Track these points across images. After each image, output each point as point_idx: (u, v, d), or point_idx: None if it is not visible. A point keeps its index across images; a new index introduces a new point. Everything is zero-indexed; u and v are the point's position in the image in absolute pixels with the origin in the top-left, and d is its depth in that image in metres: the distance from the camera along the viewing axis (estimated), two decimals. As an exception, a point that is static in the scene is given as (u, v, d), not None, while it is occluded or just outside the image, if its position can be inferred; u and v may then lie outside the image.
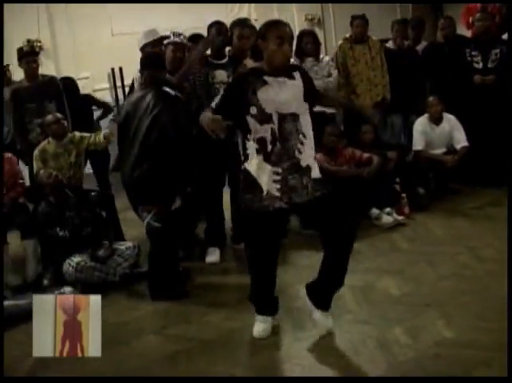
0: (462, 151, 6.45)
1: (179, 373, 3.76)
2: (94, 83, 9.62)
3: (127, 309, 4.72)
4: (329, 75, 6.53)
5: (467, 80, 6.59)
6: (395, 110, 7.20)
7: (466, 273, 4.69)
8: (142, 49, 5.27)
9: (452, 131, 6.54)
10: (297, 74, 3.81)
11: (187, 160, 4.89)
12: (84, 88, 9.13)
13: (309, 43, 6.54)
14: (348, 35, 7.16)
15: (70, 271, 5.13)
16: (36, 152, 5.71)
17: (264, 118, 3.64)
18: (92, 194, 5.68)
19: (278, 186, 3.69)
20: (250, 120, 3.65)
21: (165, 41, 5.53)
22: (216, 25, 5.45)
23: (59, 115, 5.77)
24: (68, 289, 4.96)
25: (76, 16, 9.40)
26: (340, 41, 7.28)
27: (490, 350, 3.55)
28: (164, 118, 4.68)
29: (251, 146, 3.69)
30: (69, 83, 6.87)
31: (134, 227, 6.48)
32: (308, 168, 3.77)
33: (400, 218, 5.95)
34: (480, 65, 6.63)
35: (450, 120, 6.56)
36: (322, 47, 8.38)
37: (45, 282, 5.38)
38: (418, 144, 6.54)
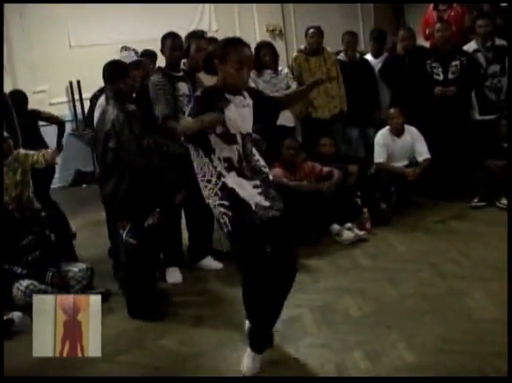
0: (423, 163, 6.36)
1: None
2: (51, 96, 9.43)
3: (77, 335, 4.52)
4: (288, 87, 6.40)
5: (428, 92, 6.50)
6: (351, 123, 7.11)
7: (429, 291, 4.57)
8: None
9: (414, 143, 6.45)
10: (245, 93, 3.68)
11: (155, 177, 4.69)
12: (42, 102, 8.98)
13: (267, 55, 6.43)
14: (302, 46, 7.07)
15: (19, 295, 4.91)
16: (-22, 172, 5.47)
17: (230, 138, 3.52)
18: (42, 214, 5.45)
19: (264, 196, 3.56)
20: (215, 139, 3.49)
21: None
22: (170, 38, 5.29)
23: (5, 134, 5.53)
24: (16, 314, 4.73)
25: (33, 27, 9.20)
26: (294, 53, 7.17)
27: (452, 374, 3.43)
28: (116, 135, 4.50)
29: (219, 165, 3.53)
30: (19, 97, 6.64)
31: (92, 246, 6.35)
32: (271, 180, 3.71)
33: (362, 233, 5.82)
34: (441, 77, 6.56)
35: (411, 133, 6.47)
36: (284, 58, 8.30)
37: (-6, 306, 5.18)
38: (379, 156, 6.43)
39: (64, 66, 9.21)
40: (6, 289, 5.02)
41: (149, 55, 6.24)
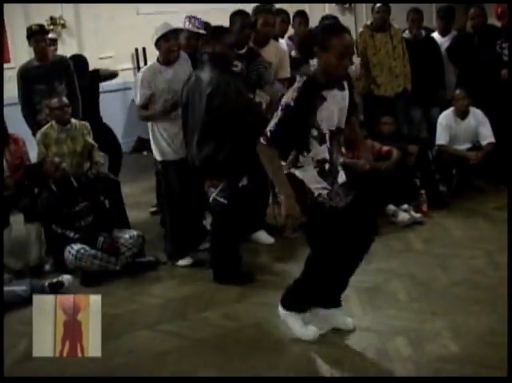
0: (487, 147, 6.15)
1: (167, 373, 3.59)
2: (117, 63, 9.45)
3: (123, 301, 4.56)
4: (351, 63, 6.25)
5: (496, 74, 6.26)
6: (414, 102, 6.91)
7: (480, 280, 4.43)
8: (156, 45, 5.07)
9: (478, 126, 6.23)
10: (345, 83, 3.62)
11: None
12: (107, 67, 9.03)
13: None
14: (369, 22, 6.89)
15: (70, 259, 4.98)
16: (38, 136, 5.54)
17: (322, 138, 3.49)
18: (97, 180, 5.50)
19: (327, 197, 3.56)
20: (312, 142, 3.48)
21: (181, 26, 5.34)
22: (240, 16, 5.24)
23: (65, 100, 5.56)
24: (66, 277, 4.84)
25: (101, -6, 9.23)
26: (360, 29, 7.01)
27: (494, 368, 3.31)
28: (220, 95, 4.52)
29: (306, 162, 3.52)
30: (79, 61, 6.71)
31: (146, 213, 6.41)
32: (343, 183, 3.69)
33: (418, 215, 5.68)
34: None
35: (476, 115, 6.25)
36: (352, 33, 8.10)
37: (47, 267, 5.29)
38: (441, 138, 6.24)
39: (130, 33, 9.22)
40: (59, 252, 5.11)
41: None
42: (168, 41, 4.91)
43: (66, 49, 8.55)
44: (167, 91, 4.96)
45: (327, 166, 3.54)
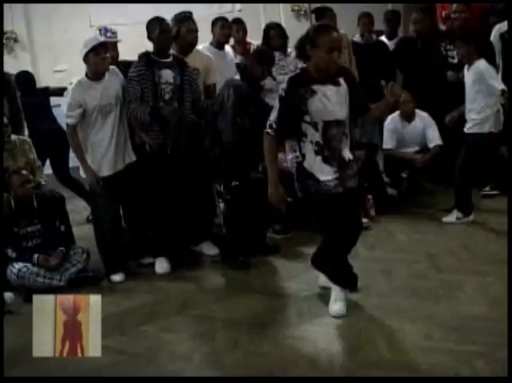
0: (434, 150, 6.15)
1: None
2: (72, 76, 9.33)
3: (64, 318, 4.48)
4: (296, 70, 6.23)
5: (441, 76, 6.26)
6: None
7: (420, 284, 4.40)
8: (84, 59, 4.99)
9: (425, 129, 6.24)
10: (341, 79, 3.90)
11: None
12: (62, 80, 8.95)
13: (276, 37, 6.27)
14: None
15: (13, 278, 4.94)
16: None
17: (315, 126, 3.80)
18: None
19: (336, 182, 3.86)
20: (306, 126, 3.81)
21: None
22: (158, 21, 5.15)
23: (4, 120, 5.50)
24: (8, 294, 4.77)
25: (53, 7, 9.18)
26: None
27: (425, 373, 3.28)
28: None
29: (308, 148, 3.84)
30: (27, 78, 6.64)
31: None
32: (349, 160, 3.98)
33: (365, 221, 5.61)
34: (455, 60, 6.29)
35: (423, 118, 6.26)
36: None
37: (-9, 285, 5.19)
38: (388, 142, 6.26)
39: (84, 46, 9.16)
40: (2, 270, 5.04)
41: None
42: (98, 55, 4.87)
43: (19, 63, 8.50)
44: (98, 108, 4.92)
45: (326, 152, 3.82)
